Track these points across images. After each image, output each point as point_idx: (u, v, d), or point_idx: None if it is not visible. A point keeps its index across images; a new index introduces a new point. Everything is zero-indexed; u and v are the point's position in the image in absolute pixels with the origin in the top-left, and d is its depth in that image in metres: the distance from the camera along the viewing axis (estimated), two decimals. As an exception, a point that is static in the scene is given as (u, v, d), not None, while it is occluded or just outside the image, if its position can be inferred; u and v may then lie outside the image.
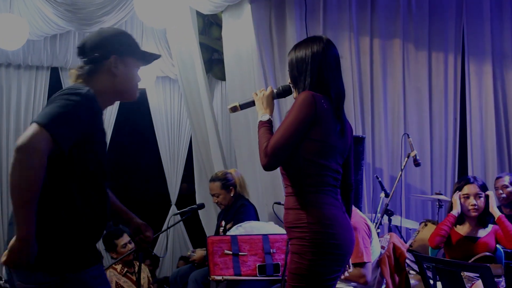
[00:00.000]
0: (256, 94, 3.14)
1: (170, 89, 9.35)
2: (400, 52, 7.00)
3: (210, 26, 8.02)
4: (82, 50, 2.71)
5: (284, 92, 3.17)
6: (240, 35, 6.65)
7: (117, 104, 9.05)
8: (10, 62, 8.41)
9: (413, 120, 7.02)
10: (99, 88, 2.62)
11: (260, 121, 3.03)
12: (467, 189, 4.69)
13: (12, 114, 8.53)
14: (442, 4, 7.18)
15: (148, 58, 2.82)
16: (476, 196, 4.65)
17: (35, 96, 8.66)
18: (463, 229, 4.70)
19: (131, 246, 5.56)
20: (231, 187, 5.71)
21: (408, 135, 6.06)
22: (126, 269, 5.59)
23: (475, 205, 4.63)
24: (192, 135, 7.99)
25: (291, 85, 3.14)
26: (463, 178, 4.86)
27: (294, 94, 3.11)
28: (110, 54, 2.65)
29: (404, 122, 6.94)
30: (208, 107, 7.00)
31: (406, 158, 5.90)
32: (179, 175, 9.33)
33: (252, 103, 3.18)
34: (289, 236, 2.97)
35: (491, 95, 7.17)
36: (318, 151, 2.93)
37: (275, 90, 3.16)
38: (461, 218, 4.71)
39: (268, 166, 2.90)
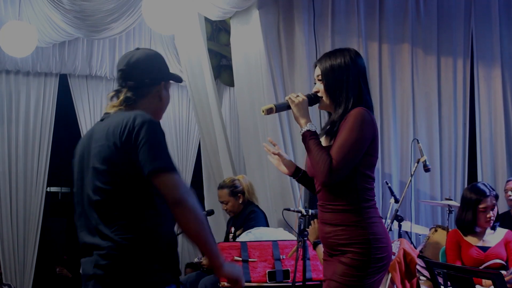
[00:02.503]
0: (292, 100, 3.02)
1: (178, 95, 9.35)
2: (409, 56, 6.98)
3: (218, 32, 8.03)
4: (132, 73, 2.70)
5: (315, 100, 3.08)
6: (248, 41, 6.65)
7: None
8: (19, 69, 8.43)
9: (422, 125, 6.99)
10: (147, 112, 2.65)
11: (309, 130, 2.96)
12: (485, 203, 4.61)
13: (21, 121, 8.55)
14: (451, 9, 7.16)
15: (178, 79, 2.91)
16: (493, 207, 4.61)
17: (43, 103, 8.68)
18: (474, 239, 4.65)
19: None
20: (239, 194, 5.69)
21: (417, 140, 6.04)
22: None
23: (491, 216, 4.59)
24: (200, 141, 7.99)
25: (318, 94, 3.07)
26: (478, 190, 4.69)
27: (325, 103, 3.05)
28: (160, 81, 2.74)
29: (413, 127, 6.92)
30: (217, 113, 7.00)
31: (415, 164, 5.87)
32: (187, 181, 9.32)
33: (286, 107, 3.08)
34: (339, 250, 2.93)
35: (500, 100, 7.15)
36: (370, 165, 2.96)
37: (306, 97, 3.06)
38: (473, 230, 4.64)
39: (332, 182, 2.88)
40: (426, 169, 5.79)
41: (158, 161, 2.45)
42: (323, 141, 3.02)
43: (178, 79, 2.89)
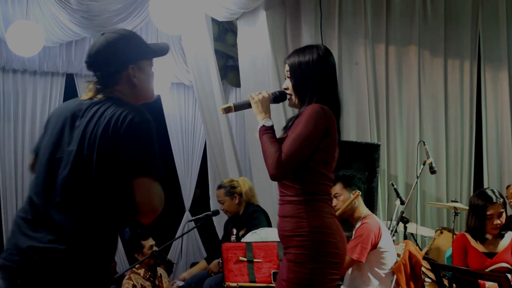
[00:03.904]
0: (252, 97, 3.04)
1: (184, 96, 9.36)
2: (416, 58, 6.98)
3: (225, 33, 8.03)
4: (95, 64, 2.58)
5: (281, 98, 3.09)
6: (255, 42, 6.65)
7: (131, 110, 9.09)
8: (26, 68, 8.44)
9: (428, 127, 6.99)
10: (122, 99, 2.55)
11: (264, 126, 2.97)
12: (492, 210, 4.56)
13: (28, 120, 8.56)
14: (458, 10, 7.16)
15: (159, 52, 2.73)
16: (500, 214, 4.57)
17: (50, 102, 8.69)
18: (481, 245, 4.61)
19: (156, 248, 5.64)
20: (235, 195, 5.73)
21: (424, 142, 6.03)
22: (149, 274, 5.67)
23: (498, 223, 4.55)
24: (206, 141, 8.00)
25: (287, 91, 3.07)
26: (484, 197, 4.61)
27: (293, 101, 3.04)
28: (127, 65, 2.56)
29: (419, 129, 6.92)
30: (223, 113, 6.99)
31: (422, 165, 5.86)
32: (193, 181, 9.32)
33: (247, 105, 3.09)
34: (286, 245, 2.92)
35: (507, 102, 7.15)
36: (322, 161, 2.92)
37: (271, 95, 3.08)
38: (483, 237, 4.61)
39: (280, 176, 2.88)
40: (432, 171, 5.78)
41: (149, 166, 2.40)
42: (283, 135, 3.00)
43: (157, 53, 2.71)
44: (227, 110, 3.09)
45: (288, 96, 3.08)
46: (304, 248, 2.82)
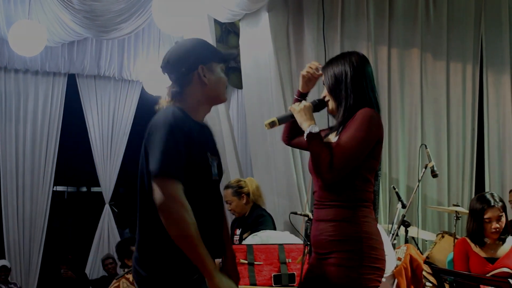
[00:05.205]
0: (294, 108, 3.03)
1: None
2: (418, 61, 6.96)
3: (227, 34, 8.03)
4: (168, 67, 2.77)
5: (320, 105, 3.08)
6: (257, 43, 6.64)
7: (133, 111, 9.10)
8: (27, 68, 8.45)
9: (430, 130, 6.97)
10: (194, 100, 2.75)
11: (310, 132, 2.92)
12: (490, 213, 4.55)
13: (29, 120, 8.58)
14: (461, 14, 7.14)
15: (227, 57, 2.95)
16: (499, 218, 4.55)
17: (52, 102, 8.71)
18: (482, 250, 4.60)
19: None
20: (243, 195, 5.70)
21: (425, 145, 6.01)
22: None
23: (497, 228, 4.53)
24: (208, 143, 7.98)
25: (325, 99, 3.07)
26: (483, 200, 4.60)
27: (330, 106, 3.04)
28: (197, 65, 2.73)
29: (421, 132, 6.90)
30: (225, 114, 6.99)
31: (423, 169, 5.85)
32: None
33: (290, 117, 3.09)
34: (331, 249, 2.88)
35: (509, 105, 7.15)
36: (371, 168, 2.93)
37: (312, 103, 3.06)
38: (482, 241, 4.59)
39: (333, 180, 2.84)
40: (434, 175, 5.76)
41: (153, 164, 2.49)
42: (332, 138, 2.98)
43: (225, 57, 2.90)
44: (272, 124, 3.09)
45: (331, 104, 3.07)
46: (354, 253, 2.81)
